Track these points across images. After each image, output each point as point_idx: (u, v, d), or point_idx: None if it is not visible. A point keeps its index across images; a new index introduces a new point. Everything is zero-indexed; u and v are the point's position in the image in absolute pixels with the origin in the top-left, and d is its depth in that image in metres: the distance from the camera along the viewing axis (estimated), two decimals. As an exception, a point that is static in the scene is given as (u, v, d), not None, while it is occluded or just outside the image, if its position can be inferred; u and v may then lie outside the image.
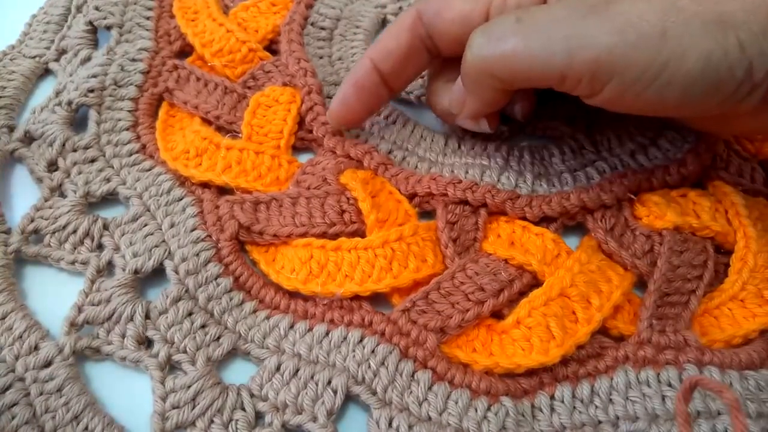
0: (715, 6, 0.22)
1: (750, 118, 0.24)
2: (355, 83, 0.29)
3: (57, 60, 0.36)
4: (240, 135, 0.32)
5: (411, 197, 0.30)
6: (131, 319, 0.26)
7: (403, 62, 0.29)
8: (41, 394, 0.24)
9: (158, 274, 0.27)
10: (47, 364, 0.24)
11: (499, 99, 0.27)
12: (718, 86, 0.22)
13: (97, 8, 0.37)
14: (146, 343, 0.25)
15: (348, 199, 0.29)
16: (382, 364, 0.25)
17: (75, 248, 0.28)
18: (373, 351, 0.25)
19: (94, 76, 0.33)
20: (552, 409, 0.24)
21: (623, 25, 0.22)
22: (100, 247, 0.28)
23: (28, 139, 0.32)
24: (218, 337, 0.26)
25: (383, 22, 0.39)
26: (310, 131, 0.33)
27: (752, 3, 0.21)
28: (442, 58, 0.29)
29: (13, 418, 0.23)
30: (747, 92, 0.23)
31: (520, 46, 0.24)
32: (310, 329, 0.26)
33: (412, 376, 0.25)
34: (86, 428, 0.23)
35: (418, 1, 0.29)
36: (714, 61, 0.22)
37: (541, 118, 0.32)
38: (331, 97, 0.34)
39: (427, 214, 0.30)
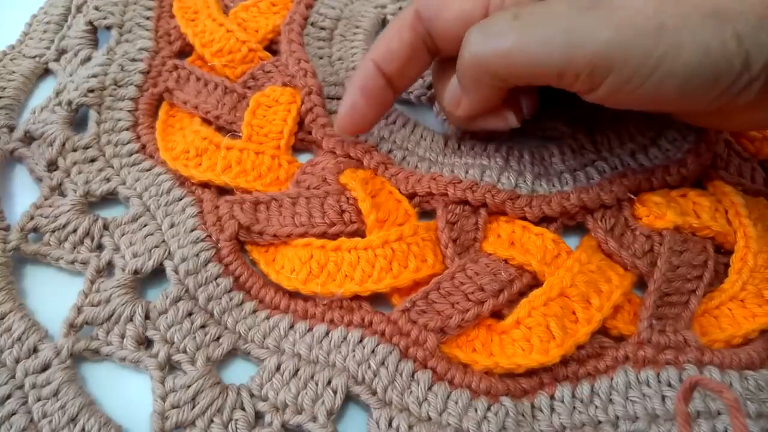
0: None
1: (748, 112, 0.25)
2: (361, 87, 0.29)
3: (57, 60, 0.36)
4: (240, 135, 0.32)
5: (411, 197, 0.30)
6: (131, 319, 0.26)
7: (407, 62, 0.29)
8: (39, 399, 0.24)
9: (158, 274, 0.27)
10: (45, 367, 0.24)
11: (495, 97, 0.27)
12: (716, 79, 0.22)
13: (97, 8, 0.37)
14: (146, 343, 0.25)
15: (348, 198, 0.29)
16: (382, 364, 0.25)
17: (75, 248, 0.28)
18: (373, 351, 0.25)
19: (94, 76, 0.33)
20: (552, 409, 0.24)
21: (620, 20, 0.22)
22: (99, 247, 0.28)
23: (28, 138, 0.32)
24: (218, 337, 0.26)
25: (383, 22, 0.39)
26: (310, 132, 0.33)
27: None
28: (442, 57, 0.29)
29: (11, 427, 0.23)
30: (744, 85, 0.23)
31: (517, 43, 0.24)
32: (310, 329, 0.26)
33: (412, 376, 0.25)
34: (83, 430, 0.23)
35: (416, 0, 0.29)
36: (711, 53, 0.22)
37: (541, 118, 0.32)
38: (331, 98, 0.34)
39: (427, 214, 0.30)
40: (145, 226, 0.29)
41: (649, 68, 0.22)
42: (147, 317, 0.26)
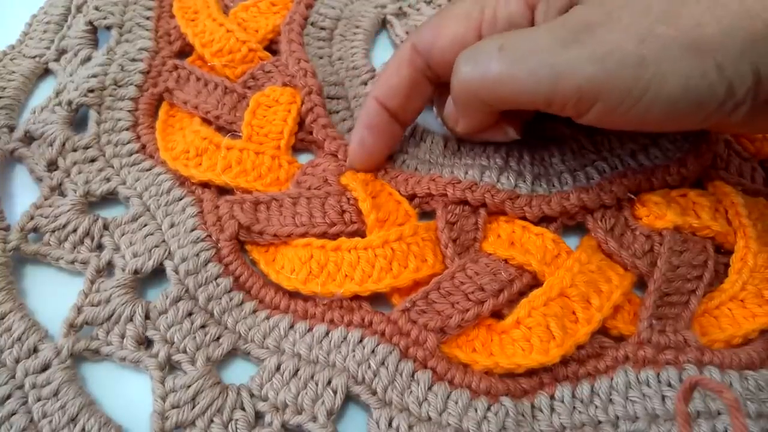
0: (691, 31, 0.22)
1: (741, 125, 0.25)
2: (367, 125, 0.29)
3: (57, 60, 0.36)
4: (240, 135, 0.32)
5: (411, 198, 0.30)
6: (131, 319, 0.26)
7: (408, 96, 0.29)
8: (39, 399, 0.24)
9: (158, 274, 0.27)
10: (45, 367, 0.24)
11: (489, 117, 0.28)
12: (700, 105, 0.23)
13: (97, 8, 0.37)
14: (146, 343, 0.25)
15: (348, 199, 0.29)
16: (382, 364, 0.25)
17: (75, 247, 0.28)
18: (373, 351, 0.25)
19: (94, 76, 0.33)
20: (552, 409, 0.24)
21: (603, 54, 0.23)
22: (99, 246, 0.28)
23: (28, 138, 0.32)
24: (218, 337, 0.26)
25: (383, 22, 0.39)
26: (310, 132, 0.33)
27: (730, 26, 0.22)
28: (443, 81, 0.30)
29: (11, 427, 0.23)
30: (731, 109, 0.23)
31: (504, 74, 0.24)
32: (310, 329, 0.26)
33: (412, 376, 0.25)
34: (83, 430, 0.23)
35: (411, 34, 0.29)
36: (693, 83, 0.22)
37: (542, 119, 0.32)
38: (331, 98, 0.34)
39: (427, 215, 0.30)
40: (145, 225, 0.29)
41: (634, 98, 0.23)
42: (147, 317, 0.26)
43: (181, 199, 0.29)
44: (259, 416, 0.24)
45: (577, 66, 0.23)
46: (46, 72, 0.36)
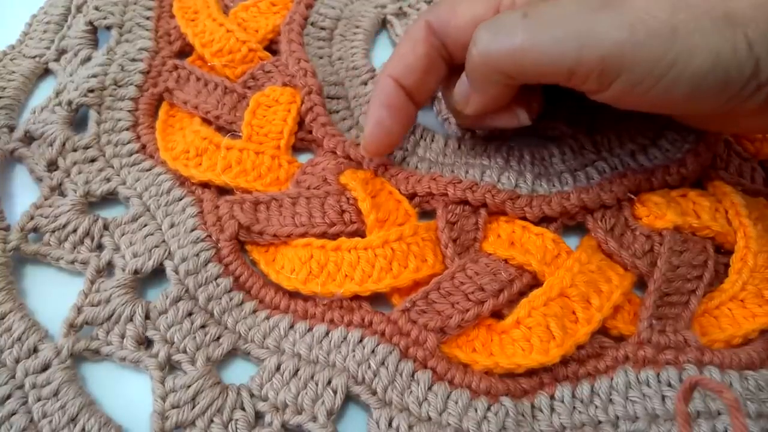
0: (723, 3, 0.22)
1: (754, 116, 0.25)
2: (384, 104, 0.28)
3: (57, 60, 0.36)
4: (240, 135, 0.32)
5: (411, 197, 0.30)
6: (131, 319, 0.26)
7: (424, 74, 0.28)
8: (39, 399, 0.24)
9: (158, 274, 0.27)
10: (45, 367, 0.24)
11: (504, 95, 0.27)
12: (725, 84, 0.22)
13: (97, 8, 0.37)
14: (146, 343, 0.25)
15: (348, 199, 0.29)
16: (382, 364, 0.25)
17: (75, 247, 0.28)
18: (373, 351, 0.25)
19: (94, 76, 0.33)
20: (552, 409, 0.24)
21: (633, 21, 0.22)
22: (99, 247, 0.28)
23: (28, 139, 0.32)
24: (218, 337, 0.26)
25: (383, 22, 0.39)
26: (310, 131, 0.33)
27: (760, 1, 0.21)
28: (456, 63, 0.29)
29: (11, 427, 0.23)
30: (753, 91, 0.22)
31: (527, 41, 0.23)
32: (310, 329, 0.26)
33: (412, 376, 0.25)
34: (83, 429, 0.23)
35: (425, 11, 0.29)
36: (723, 58, 0.22)
37: (542, 118, 0.32)
38: (331, 97, 0.34)
39: (427, 214, 0.30)
40: (145, 226, 0.29)
41: (661, 70, 0.22)
42: (147, 317, 0.26)
43: (181, 199, 0.29)
44: (259, 416, 0.24)
45: (604, 33, 0.22)
46: (46, 72, 0.36)
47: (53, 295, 0.27)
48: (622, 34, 0.22)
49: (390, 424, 0.23)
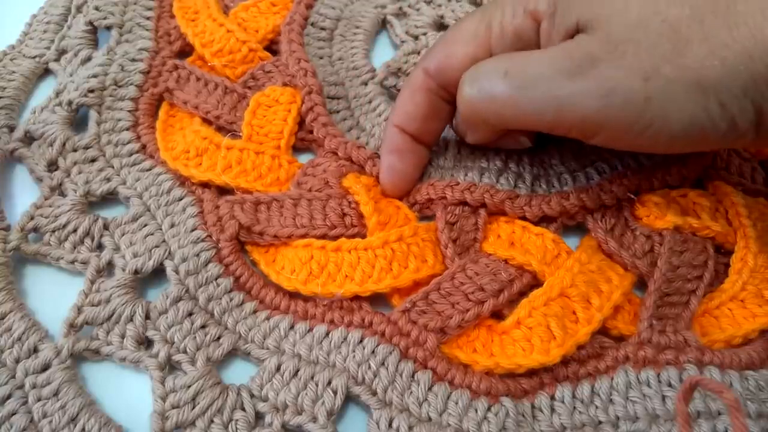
0: (696, 72, 0.22)
1: (748, 146, 0.25)
2: (392, 150, 0.29)
3: (57, 60, 0.36)
4: (240, 135, 0.32)
5: (411, 205, 0.30)
6: (131, 319, 0.26)
7: (426, 120, 0.29)
8: (39, 399, 0.24)
9: (158, 274, 0.27)
10: (45, 367, 0.24)
11: (496, 133, 0.28)
12: (704, 137, 0.23)
13: (97, 8, 0.37)
14: (146, 343, 0.25)
15: (350, 202, 0.29)
16: (382, 364, 0.25)
17: (75, 247, 0.28)
18: (373, 351, 0.25)
19: (95, 76, 0.33)
20: (552, 410, 0.24)
21: (608, 91, 0.23)
22: (100, 246, 0.28)
23: (29, 139, 0.32)
24: (218, 338, 0.26)
25: (383, 23, 0.39)
26: (311, 131, 0.33)
27: (732, 67, 0.22)
28: None
29: (11, 427, 0.23)
30: (734, 138, 0.23)
31: (509, 100, 0.25)
32: (311, 330, 0.26)
33: (412, 376, 0.25)
34: (83, 430, 0.23)
35: (421, 59, 0.29)
36: (697, 120, 0.22)
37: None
38: (331, 97, 0.34)
39: (427, 219, 0.30)
40: (146, 226, 0.29)
41: (638, 131, 0.23)
42: (147, 317, 0.26)
43: (181, 199, 0.29)
44: (259, 417, 0.24)
45: (580, 100, 0.23)
46: (46, 72, 0.36)
47: (53, 295, 0.27)
48: (598, 102, 0.23)
49: (390, 425, 0.23)
